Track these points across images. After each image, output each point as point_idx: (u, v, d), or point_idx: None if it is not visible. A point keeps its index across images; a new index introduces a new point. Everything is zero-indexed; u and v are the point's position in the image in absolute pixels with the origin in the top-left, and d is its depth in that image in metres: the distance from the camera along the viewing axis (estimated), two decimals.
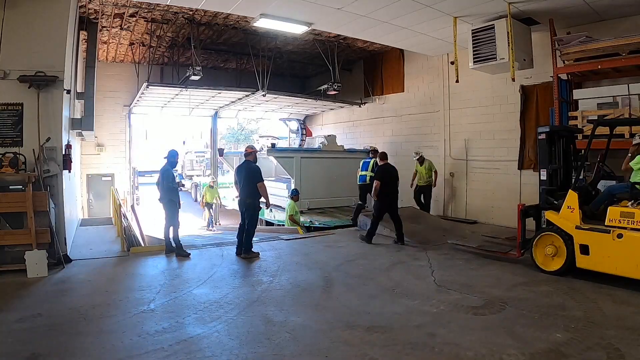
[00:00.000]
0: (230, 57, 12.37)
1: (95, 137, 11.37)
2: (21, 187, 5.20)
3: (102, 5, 8.12)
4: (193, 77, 9.96)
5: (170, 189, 6.19)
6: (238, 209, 6.39)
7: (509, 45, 6.65)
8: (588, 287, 4.54)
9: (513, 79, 6.93)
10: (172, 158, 6.33)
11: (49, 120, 5.52)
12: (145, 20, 9.17)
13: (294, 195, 9.36)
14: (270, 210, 11.10)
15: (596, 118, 6.19)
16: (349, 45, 11.31)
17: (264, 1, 6.73)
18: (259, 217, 10.30)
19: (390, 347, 3.21)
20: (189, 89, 10.70)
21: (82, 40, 9.18)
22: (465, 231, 7.99)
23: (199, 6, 7.02)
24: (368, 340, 3.33)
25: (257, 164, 6.29)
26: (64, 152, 5.76)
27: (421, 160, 9.57)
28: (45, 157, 5.48)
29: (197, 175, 22.55)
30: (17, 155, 5.20)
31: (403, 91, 11.42)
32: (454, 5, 6.70)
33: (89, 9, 8.23)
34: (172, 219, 6.18)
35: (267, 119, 19.33)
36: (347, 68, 13.12)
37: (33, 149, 5.36)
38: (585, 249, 4.82)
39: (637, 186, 4.79)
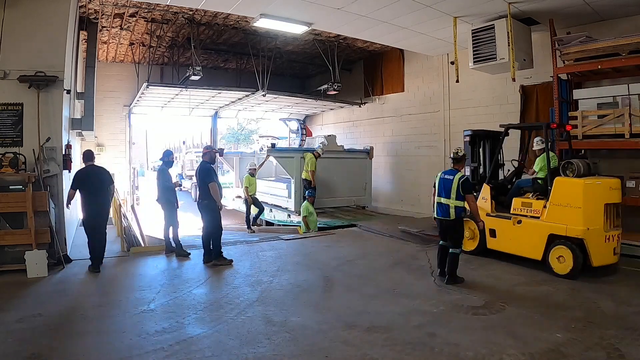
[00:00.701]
0: (230, 57, 12.36)
1: (95, 137, 11.38)
2: (21, 187, 5.20)
3: (102, 5, 8.12)
4: (193, 77, 9.96)
5: (167, 189, 6.22)
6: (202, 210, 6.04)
7: (509, 45, 6.65)
8: (588, 287, 4.56)
9: (513, 79, 6.92)
10: (167, 158, 6.42)
11: (49, 120, 5.53)
12: (145, 20, 9.17)
13: (310, 196, 8.96)
14: (271, 210, 11.11)
15: (596, 118, 6.23)
16: (349, 45, 11.31)
17: (264, 1, 6.73)
18: (261, 217, 10.35)
19: (390, 347, 3.21)
20: (189, 89, 10.70)
21: (82, 40, 9.18)
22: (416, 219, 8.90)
23: (199, 6, 7.02)
24: (368, 340, 3.33)
25: (214, 164, 6.11)
26: (64, 152, 5.77)
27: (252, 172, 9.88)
28: (45, 157, 5.48)
29: None
30: (17, 155, 5.20)
31: (403, 91, 11.42)
32: (454, 5, 6.70)
33: (89, 9, 8.23)
34: (171, 219, 6.18)
35: (267, 119, 19.33)
36: (347, 68, 13.11)
37: (33, 149, 5.36)
38: (493, 233, 5.77)
39: (538, 181, 5.67)
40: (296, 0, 6.67)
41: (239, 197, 10.95)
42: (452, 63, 8.31)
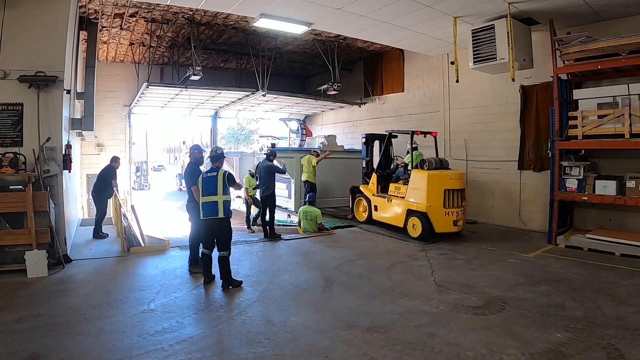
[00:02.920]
0: (230, 57, 12.36)
1: (95, 137, 11.38)
2: (21, 187, 5.20)
3: (102, 5, 8.12)
4: (193, 77, 9.96)
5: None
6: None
7: (509, 45, 6.64)
8: (588, 287, 4.56)
9: (513, 79, 6.92)
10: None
11: (49, 120, 5.52)
12: (145, 20, 9.16)
13: (313, 200, 8.76)
14: None
15: (596, 118, 6.23)
16: (349, 45, 11.31)
17: (264, 1, 6.72)
18: (260, 217, 10.33)
19: (390, 347, 3.21)
20: (189, 89, 10.70)
21: (82, 40, 9.17)
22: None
23: (199, 6, 7.01)
24: (368, 340, 3.33)
25: (201, 166, 5.62)
26: (64, 152, 5.76)
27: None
28: (45, 157, 5.48)
29: None
30: (17, 155, 5.20)
31: (403, 91, 11.41)
32: (454, 5, 6.69)
33: (89, 9, 8.23)
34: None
35: (267, 119, 19.34)
36: (347, 68, 13.11)
37: (33, 149, 5.36)
38: (376, 208, 8.23)
39: (407, 171, 7.71)
40: (296, 0, 6.67)
41: (239, 197, 10.96)
42: (452, 63, 8.31)
